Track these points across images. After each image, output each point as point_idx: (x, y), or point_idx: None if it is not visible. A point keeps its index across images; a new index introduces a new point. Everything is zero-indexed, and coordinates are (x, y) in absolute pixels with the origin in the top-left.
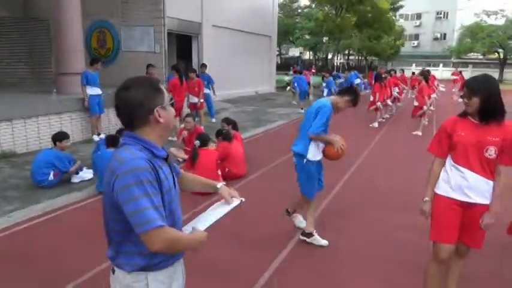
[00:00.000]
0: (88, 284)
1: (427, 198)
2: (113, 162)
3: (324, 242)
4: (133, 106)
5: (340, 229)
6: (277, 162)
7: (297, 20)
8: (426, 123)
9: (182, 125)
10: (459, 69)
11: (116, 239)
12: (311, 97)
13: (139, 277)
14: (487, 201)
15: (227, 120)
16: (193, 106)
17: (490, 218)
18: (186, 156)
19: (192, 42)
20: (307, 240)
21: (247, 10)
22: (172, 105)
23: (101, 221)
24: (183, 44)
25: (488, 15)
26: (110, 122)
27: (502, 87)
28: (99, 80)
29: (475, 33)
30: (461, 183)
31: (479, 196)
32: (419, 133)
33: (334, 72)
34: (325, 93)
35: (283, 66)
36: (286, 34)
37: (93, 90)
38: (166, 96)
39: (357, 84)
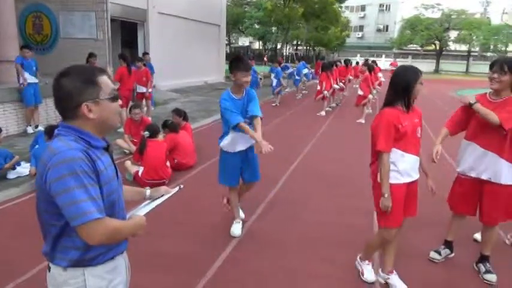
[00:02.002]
0: (30, 283)
1: (386, 194)
2: (46, 153)
3: (240, 216)
4: (63, 96)
5: (289, 216)
6: None
7: (246, 9)
8: (370, 111)
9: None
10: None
11: (51, 233)
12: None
13: (76, 273)
14: (418, 175)
15: (177, 112)
16: (140, 96)
17: (433, 182)
18: (133, 148)
19: (138, 30)
20: (229, 206)
21: None
22: (114, 98)
23: None
24: (128, 31)
25: (426, 9)
26: (49, 113)
27: (438, 77)
28: (35, 68)
29: (414, 26)
30: (406, 167)
31: (417, 173)
32: (363, 121)
33: (283, 64)
34: (274, 83)
35: (233, 55)
36: (235, 23)
37: (29, 79)
38: (105, 90)
39: (305, 74)
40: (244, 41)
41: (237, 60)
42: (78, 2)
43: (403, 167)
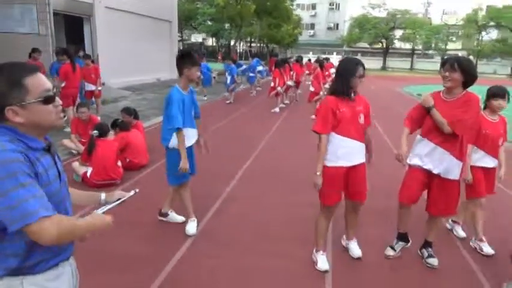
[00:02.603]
0: None
1: (318, 173)
2: None
3: (180, 218)
4: None
5: (243, 213)
6: None
7: (198, 6)
8: None
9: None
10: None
11: None
12: (213, 82)
13: (13, 282)
14: (362, 160)
15: (127, 111)
16: (89, 94)
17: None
18: (82, 148)
19: (84, 25)
20: (164, 219)
21: None
22: (47, 100)
23: None
24: (73, 26)
25: (373, 8)
26: None
27: (385, 73)
28: None
29: (362, 25)
30: (345, 151)
31: (358, 158)
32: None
33: (237, 62)
34: (228, 81)
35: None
36: (187, 19)
37: None
38: (34, 92)
39: (259, 71)
40: (197, 38)
41: (189, 55)
42: None
43: (342, 151)
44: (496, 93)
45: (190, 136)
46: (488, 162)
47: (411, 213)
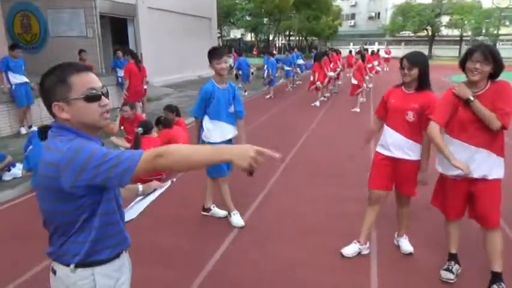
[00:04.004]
0: None
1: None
2: (52, 155)
3: (223, 213)
4: (42, 94)
5: (285, 207)
6: None
7: (236, 1)
8: (364, 100)
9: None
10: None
11: (61, 231)
12: (251, 78)
13: (86, 273)
14: (407, 157)
15: (169, 108)
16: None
17: (421, 175)
18: (128, 145)
19: (128, 26)
20: (207, 214)
21: None
22: (90, 98)
23: (38, 219)
24: (118, 27)
25: None
26: (42, 113)
27: (431, 62)
28: (24, 68)
29: (406, 12)
30: (387, 141)
31: (399, 151)
32: (358, 110)
33: (276, 56)
34: (265, 75)
35: (226, 48)
36: (226, 16)
37: (19, 79)
38: (77, 89)
39: (299, 65)
40: (236, 34)
41: (211, 50)
42: None
43: (385, 140)
44: None
45: (225, 131)
46: None
47: (461, 227)
